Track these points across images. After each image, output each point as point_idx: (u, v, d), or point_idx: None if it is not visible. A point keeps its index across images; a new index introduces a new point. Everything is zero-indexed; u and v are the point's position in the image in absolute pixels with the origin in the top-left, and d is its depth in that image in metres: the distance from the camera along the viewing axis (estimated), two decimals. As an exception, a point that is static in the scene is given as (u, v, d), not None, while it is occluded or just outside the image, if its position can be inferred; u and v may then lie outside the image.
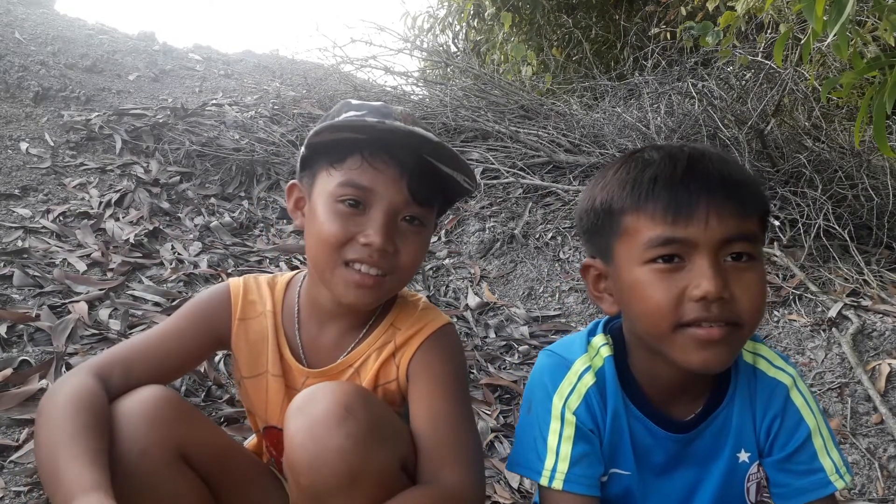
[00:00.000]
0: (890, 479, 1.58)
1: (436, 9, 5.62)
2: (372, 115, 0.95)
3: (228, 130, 3.62)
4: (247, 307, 1.07)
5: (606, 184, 0.87)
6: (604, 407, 0.92)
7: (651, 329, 0.84)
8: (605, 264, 0.89)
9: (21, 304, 1.89)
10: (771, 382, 0.93)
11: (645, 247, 0.81)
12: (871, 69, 1.74)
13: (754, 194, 0.83)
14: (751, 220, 0.82)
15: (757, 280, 0.82)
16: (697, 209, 0.78)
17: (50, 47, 4.09)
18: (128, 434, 0.87)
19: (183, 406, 0.97)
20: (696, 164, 0.81)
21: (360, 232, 0.93)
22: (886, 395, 1.79)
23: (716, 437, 0.93)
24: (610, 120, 3.46)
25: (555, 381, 0.92)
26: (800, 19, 2.63)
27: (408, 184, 0.93)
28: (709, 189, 0.79)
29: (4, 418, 1.46)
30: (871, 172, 2.60)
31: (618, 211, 0.84)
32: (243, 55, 5.57)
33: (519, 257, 2.75)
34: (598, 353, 0.94)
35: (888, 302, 2.09)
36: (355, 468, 0.82)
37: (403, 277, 0.99)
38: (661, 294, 0.80)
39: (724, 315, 0.79)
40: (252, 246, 2.71)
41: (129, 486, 0.84)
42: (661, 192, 0.80)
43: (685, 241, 0.79)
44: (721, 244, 0.79)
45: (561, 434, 0.90)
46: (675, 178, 0.80)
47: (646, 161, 0.85)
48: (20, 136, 3.03)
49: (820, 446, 0.91)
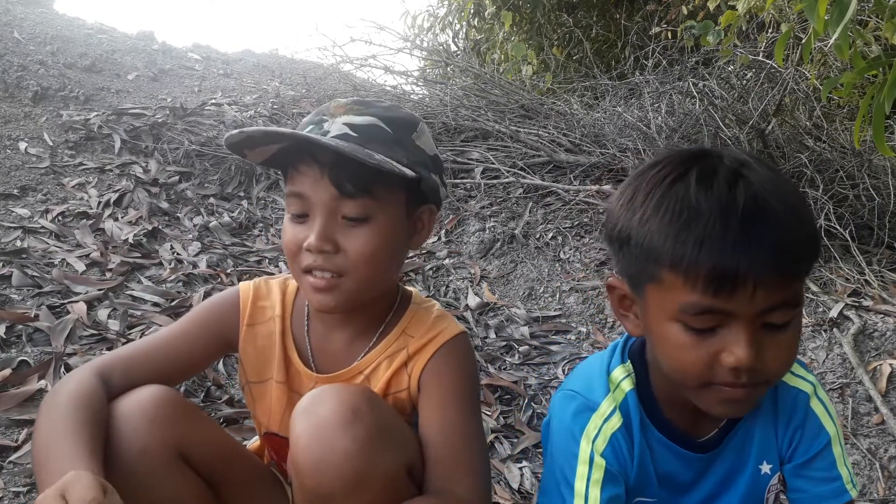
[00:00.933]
0: (891, 479, 1.58)
1: (436, 8, 5.61)
2: (314, 116, 0.97)
3: (228, 130, 3.60)
4: (255, 312, 1.06)
5: (645, 218, 0.76)
6: (631, 447, 0.89)
7: (678, 379, 0.81)
8: (633, 293, 0.83)
9: (20, 304, 1.89)
10: (792, 392, 0.92)
11: (679, 308, 0.75)
12: (871, 69, 1.74)
13: (810, 251, 0.76)
14: (797, 284, 0.75)
15: (790, 342, 0.77)
16: (745, 282, 0.70)
17: (49, 47, 4.08)
18: (127, 432, 0.87)
19: (184, 405, 0.96)
20: (750, 227, 0.71)
21: (305, 238, 0.93)
22: (887, 395, 1.78)
23: (739, 451, 0.92)
24: (610, 119, 3.46)
25: (580, 424, 0.88)
26: (801, 19, 2.62)
27: (330, 180, 0.90)
28: (762, 259, 0.70)
29: (3, 419, 1.45)
30: (872, 172, 2.59)
31: (655, 259, 0.75)
32: (242, 55, 5.56)
33: (519, 257, 2.75)
34: (619, 388, 0.90)
35: (889, 302, 2.09)
36: (361, 471, 0.82)
37: (363, 274, 0.94)
38: (692, 357, 0.76)
39: (752, 380, 0.76)
40: (251, 246, 2.70)
41: (127, 485, 0.83)
42: (707, 259, 0.71)
43: (724, 311, 0.73)
44: (761, 314, 0.73)
45: (589, 478, 0.87)
46: (726, 244, 0.70)
47: (693, 209, 0.73)
48: (19, 136, 3.03)
49: (839, 455, 0.91)
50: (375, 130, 0.93)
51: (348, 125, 0.92)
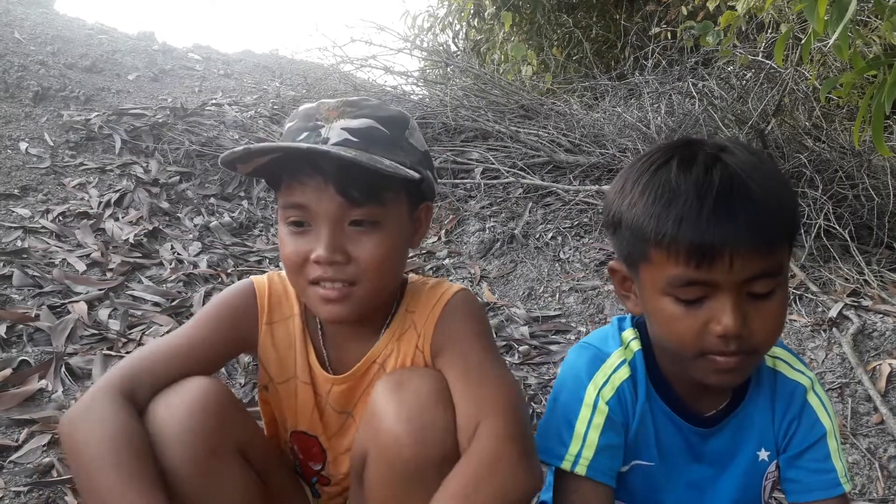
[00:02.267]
0: (890, 479, 1.58)
1: (436, 8, 5.61)
2: (301, 121, 0.93)
3: (228, 130, 3.62)
4: (273, 310, 1.04)
5: (633, 202, 0.84)
6: (635, 400, 0.93)
7: (674, 350, 0.86)
8: (630, 273, 0.89)
9: (20, 304, 1.89)
10: (790, 384, 0.96)
11: (667, 282, 0.81)
12: (870, 69, 1.74)
13: (786, 223, 0.81)
14: (776, 255, 0.80)
15: (777, 309, 0.82)
16: (722, 254, 0.77)
17: (49, 47, 4.09)
18: (196, 432, 0.85)
19: (237, 401, 0.96)
20: (724, 202, 0.77)
21: (311, 250, 0.90)
22: (887, 395, 1.78)
23: (736, 435, 0.95)
24: (610, 120, 3.46)
25: (590, 371, 0.93)
26: (800, 19, 2.63)
27: (336, 189, 0.88)
28: (735, 233, 0.76)
29: (4, 418, 1.45)
30: (871, 172, 2.59)
31: (643, 239, 0.82)
32: (243, 55, 5.57)
33: (519, 257, 2.75)
34: (629, 347, 0.95)
35: (889, 302, 2.09)
36: (449, 448, 0.85)
37: (375, 281, 0.93)
38: (683, 327, 0.82)
39: (741, 348, 0.81)
40: (252, 246, 2.70)
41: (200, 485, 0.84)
42: (685, 235, 0.78)
43: (707, 282, 0.79)
44: (743, 283, 0.79)
45: (590, 422, 0.91)
46: (701, 219, 0.77)
47: (673, 190, 0.80)
48: (19, 136, 3.03)
49: (834, 449, 0.94)
50: (374, 133, 0.91)
51: (347, 130, 0.90)
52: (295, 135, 0.92)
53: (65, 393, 1.57)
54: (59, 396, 1.55)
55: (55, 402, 1.54)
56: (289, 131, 0.94)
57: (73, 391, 1.59)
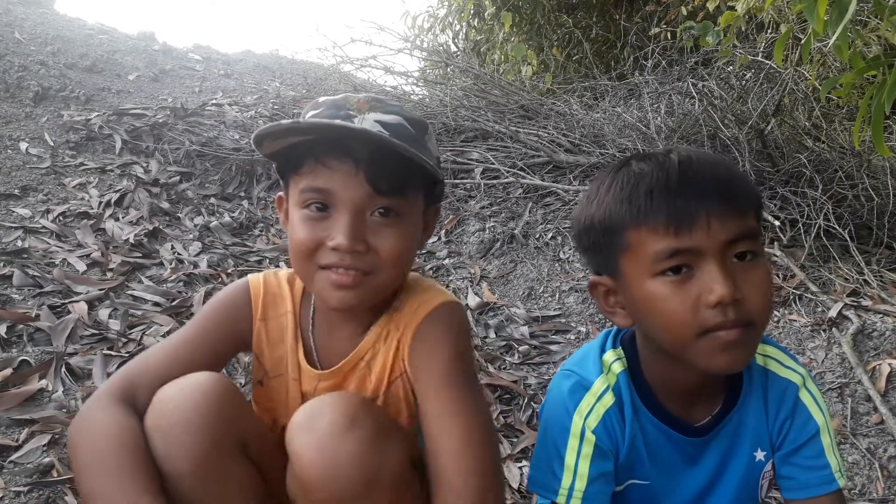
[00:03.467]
0: (890, 479, 1.58)
1: (436, 8, 5.62)
2: (329, 109, 0.92)
3: (228, 130, 3.62)
4: (267, 307, 1.04)
5: (601, 201, 0.86)
6: (622, 426, 0.92)
7: (674, 339, 0.84)
8: (612, 280, 0.88)
9: (21, 304, 1.89)
10: (782, 382, 0.95)
11: (652, 260, 0.81)
12: (870, 69, 1.74)
13: (748, 191, 0.84)
14: (749, 217, 0.82)
15: (764, 277, 0.83)
16: (698, 216, 0.78)
17: (49, 47, 4.09)
18: (198, 424, 0.85)
19: (240, 394, 0.95)
20: (688, 171, 0.81)
21: (328, 236, 0.89)
22: (887, 395, 1.78)
23: (732, 437, 0.95)
24: (610, 120, 3.46)
25: (574, 400, 0.93)
26: (800, 19, 2.63)
27: (366, 177, 0.87)
28: (705, 194, 0.79)
29: (4, 418, 1.45)
30: (871, 172, 2.59)
31: (618, 228, 0.83)
32: (243, 55, 5.57)
33: (519, 257, 2.75)
34: (611, 371, 0.94)
35: (888, 302, 2.09)
36: (370, 472, 0.82)
37: (391, 273, 0.93)
38: (677, 305, 0.81)
39: (739, 316, 0.80)
40: (252, 246, 2.71)
41: (200, 479, 0.84)
42: (660, 205, 0.80)
43: (691, 249, 0.79)
44: (726, 246, 0.79)
45: (579, 452, 0.90)
46: (671, 187, 0.80)
47: (637, 174, 0.84)
48: (20, 136, 3.03)
49: (827, 444, 0.94)
50: (403, 130, 0.91)
51: (380, 123, 0.89)
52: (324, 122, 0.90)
53: (65, 393, 1.57)
54: (59, 396, 1.55)
55: (55, 402, 1.54)
56: (316, 119, 0.92)
57: (73, 391, 1.59)
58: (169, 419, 0.85)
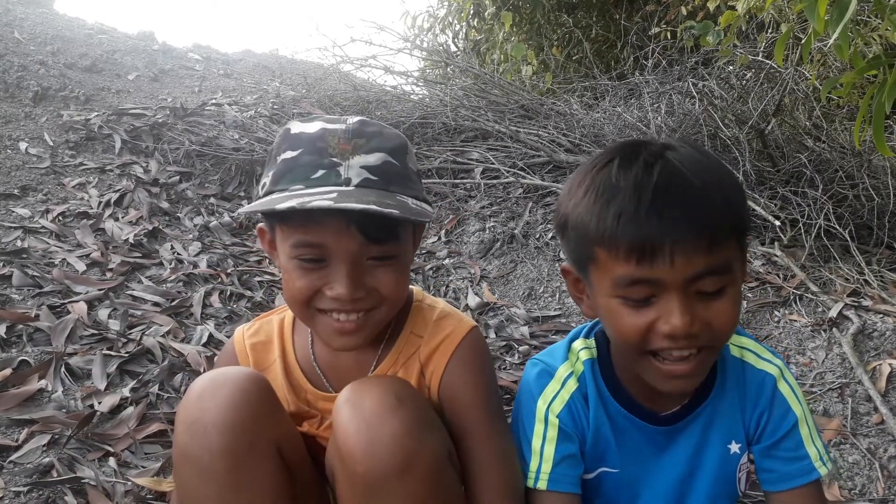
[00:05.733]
0: (890, 479, 1.58)
1: (436, 8, 5.62)
2: (309, 154, 0.89)
3: (228, 130, 3.62)
4: (258, 358, 1.07)
5: (577, 203, 0.83)
6: (587, 411, 0.95)
7: (624, 349, 0.87)
8: (580, 274, 0.89)
9: (20, 304, 1.89)
10: (759, 374, 0.96)
11: (613, 283, 0.81)
12: (871, 68, 1.74)
13: (728, 217, 0.79)
14: (722, 251, 0.78)
15: (728, 307, 0.80)
16: (662, 249, 0.75)
17: (49, 47, 4.09)
18: (234, 423, 0.85)
19: (274, 394, 0.96)
20: (662, 196, 0.76)
21: (325, 284, 0.90)
22: (887, 395, 1.78)
23: (704, 429, 0.96)
24: (610, 120, 3.46)
25: (540, 386, 0.96)
26: (801, 19, 2.63)
27: (359, 229, 0.87)
28: (674, 226, 0.75)
29: (4, 418, 1.45)
30: (871, 172, 2.59)
31: (588, 239, 0.82)
32: (243, 55, 5.57)
33: (519, 257, 2.75)
34: (578, 358, 0.97)
35: (889, 302, 2.09)
36: (410, 453, 0.83)
37: (392, 306, 0.96)
38: (629, 325, 0.81)
39: (692, 344, 0.80)
40: (251, 246, 2.70)
41: (232, 479, 0.85)
42: (625, 231, 0.77)
43: (651, 280, 0.78)
44: (689, 282, 0.77)
45: (545, 436, 0.93)
46: (640, 214, 0.76)
47: (612, 187, 0.79)
48: (19, 136, 3.03)
49: (806, 435, 0.95)
50: (389, 168, 0.91)
51: (366, 168, 0.89)
52: (308, 171, 0.88)
53: (64, 393, 1.57)
54: (58, 396, 1.55)
55: (55, 402, 1.54)
56: (297, 164, 0.89)
57: (72, 391, 1.59)
58: (208, 417, 0.85)
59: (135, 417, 1.52)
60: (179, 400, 1.59)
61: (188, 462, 0.86)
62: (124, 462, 1.41)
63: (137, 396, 1.60)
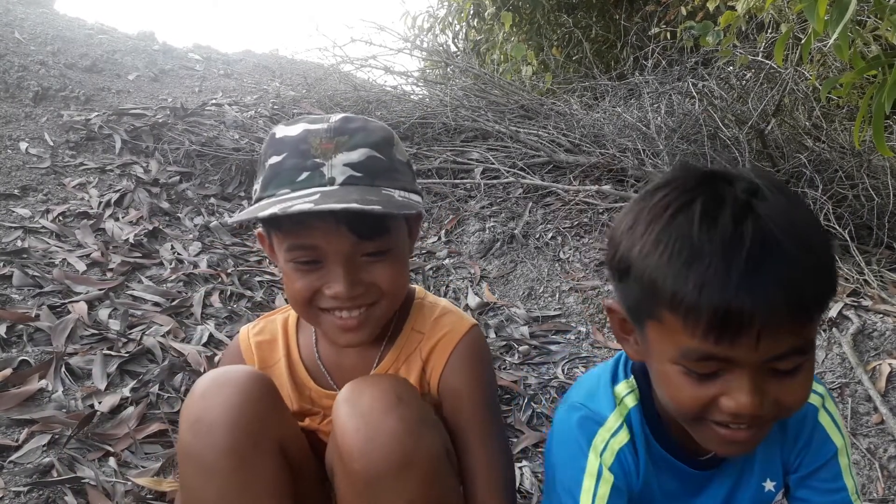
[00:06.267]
0: (890, 479, 1.58)
1: (436, 8, 5.62)
2: (293, 157, 0.89)
3: (228, 130, 3.62)
4: (263, 357, 1.07)
5: (643, 248, 0.71)
6: (637, 463, 0.87)
7: (674, 412, 0.79)
8: (633, 322, 0.79)
9: (20, 304, 1.89)
10: (802, 410, 0.87)
11: (679, 353, 0.71)
12: (870, 68, 1.74)
13: (821, 295, 0.68)
14: (810, 326, 0.68)
15: (802, 384, 0.72)
16: (749, 329, 0.65)
17: (49, 47, 4.09)
18: (238, 422, 0.86)
19: (278, 392, 0.96)
20: (757, 269, 0.64)
21: (324, 284, 0.91)
22: (887, 395, 1.78)
23: (741, 470, 0.91)
24: (610, 120, 3.46)
25: (587, 436, 0.86)
26: (800, 19, 2.63)
27: (349, 228, 0.87)
28: (767, 306, 0.64)
29: (4, 418, 1.45)
30: (871, 172, 2.59)
31: (655, 295, 0.70)
32: (243, 55, 5.57)
33: (519, 257, 2.75)
34: (623, 403, 0.88)
35: (889, 302, 2.09)
36: (408, 451, 0.83)
37: (393, 299, 0.97)
38: (689, 396, 0.72)
39: (754, 423, 0.72)
40: (252, 246, 2.70)
41: (237, 478, 0.85)
42: (709, 303, 0.65)
43: (726, 359, 0.68)
44: (767, 361, 0.69)
45: (595, 493, 0.84)
46: (729, 287, 0.64)
47: (695, 248, 0.66)
48: (20, 136, 3.03)
49: (845, 466, 0.89)
50: (374, 163, 0.91)
51: (349, 165, 0.89)
52: (293, 174, 0.88)
53: (65, 393, 1.57)
54: (59, 396, 1.55)
55: (55, 402, 1.54)
56: (283, 168, 0.90)
57: (73, 391, 1.59)
58: (212, 415, 0.86)
59: (135, 417, 1.52)
60: (180, 400, 1.60)
61: (191, 460, 0.86)
62: (124, 462, 1.41)
63: (137, 396, 1.60)
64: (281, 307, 1.18)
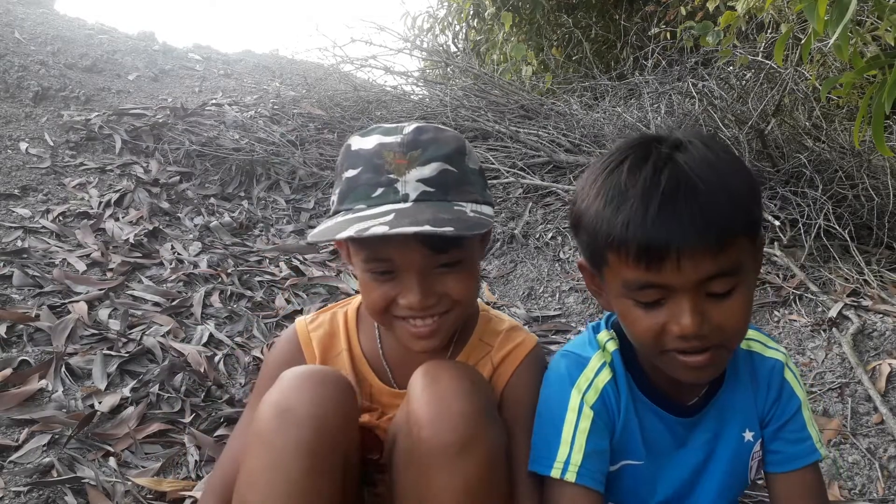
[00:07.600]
0: (890, 479, 1.58)
1: (436, 9, 5.62)
2: (368, 172, 0.91)
3: (228, 130, 3.62)
4: (326, 351, 1.08)
5: (589, 205, 0.85)
6: (618, 400, 0.94)
7: (641, 348, 0.89)
8: (594, 272, 0.90)
9: (21, 304, 1.89)
10: (769, 362, 1.00)
11: (623, 285, 0.83)
12: (870, 68, 1.74)
13: (737, 222, 0.79)
14: (731, 253, 0.79)
15: (740, 306, 0.82)
16: (669, 255, 0.77)
17: (50, 47, 4.09)
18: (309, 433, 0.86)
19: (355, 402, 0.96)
20: (669, 203, 0.77)
21: (398, 294, 0.93)
22: (887, 395, 1.78)
23: (720, 419, 0.98)
24: (610, 120, 3.46)
25: (572, 376, 0.95)
26: (800, 19, 2.63)
27: (423, 241, 0.89)
28: (681, 232, 0.76)
29: (4, 418, 1.45)
30: (871, 172, 2.59)
31: (599, 243, 0.83)
32: (243, 55, 5.57)
33: (519, 257, 2.75)
34: (606, 348, 0.97)
35: (888, 302, 2.09)
36: (474, 434, 0.85)
37: (465, 307, 0.99)
38: (642, 326, 0.83)
39: (704, 344, 0.81)
40: (252, 246, 2.70)
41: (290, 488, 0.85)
42: (634, 236, 0.78)
43: (662, 284, 0.79)
44: (698, 284, 0.79)
45: (577, 426, 0.91)
46: (647, 222, 0.77)
47: (621, 193, 0.80)
48: (20, 136, 3.03)
49: (808, 418, 0.99)
50: (446, 177, 0.92)
51: (423, 181, 0.91)
52: (369, 189, 0.91)
53: (65, 393, 1.57)
54: (59, 396, 1.55)
55: (55, 402, 1.54)
56: (358, 183, 0.92)
57: (73, 391, 1.59)
58: (304, 410, 0.86)
59: (135, 417, 1.52)
60: (180, 400, 1.60)
61: (267, 449, 0.85)
62: (124, 462, 1.41)
63: (138, 396, 1.60)
64: (337, 303, 1.17)
